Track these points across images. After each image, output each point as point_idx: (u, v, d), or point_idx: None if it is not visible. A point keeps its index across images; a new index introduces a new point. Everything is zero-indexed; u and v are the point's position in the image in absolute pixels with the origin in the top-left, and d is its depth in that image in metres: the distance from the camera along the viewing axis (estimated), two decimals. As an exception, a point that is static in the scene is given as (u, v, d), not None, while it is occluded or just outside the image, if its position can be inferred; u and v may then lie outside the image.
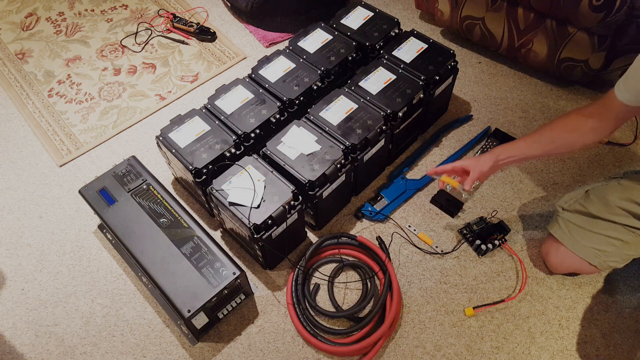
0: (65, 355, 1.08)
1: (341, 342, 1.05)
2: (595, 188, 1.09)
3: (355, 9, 1.41)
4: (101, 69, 1.63)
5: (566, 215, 1.09)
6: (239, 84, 1.25)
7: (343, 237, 1.17)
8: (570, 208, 1.10)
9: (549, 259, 1.12)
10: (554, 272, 1.14)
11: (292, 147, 1.11)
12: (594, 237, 1.04)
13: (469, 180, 1.08)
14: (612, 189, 1.05)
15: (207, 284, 1.00)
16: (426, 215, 1.26)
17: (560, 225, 1.09)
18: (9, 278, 1.19)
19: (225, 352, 1.07)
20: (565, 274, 1.15)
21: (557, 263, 1.11)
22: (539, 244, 1.20)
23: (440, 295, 1.13)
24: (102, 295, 1.16)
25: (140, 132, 1.46)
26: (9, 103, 1.55)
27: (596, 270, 1.07)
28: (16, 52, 1.69)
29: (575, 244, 1.06)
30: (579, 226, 1.06)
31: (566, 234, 1.08)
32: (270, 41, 1.67)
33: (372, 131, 1.14)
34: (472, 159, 1.11)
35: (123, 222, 1.10)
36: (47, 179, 1.37)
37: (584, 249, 1.05)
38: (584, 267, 1.07)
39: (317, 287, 1.14)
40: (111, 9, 1.82)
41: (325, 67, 1.27)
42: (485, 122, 1.44)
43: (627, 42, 1.29)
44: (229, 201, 1.03)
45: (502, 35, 1.46)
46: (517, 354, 1.05)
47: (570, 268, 1.11)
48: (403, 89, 1.22)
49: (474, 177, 1.08)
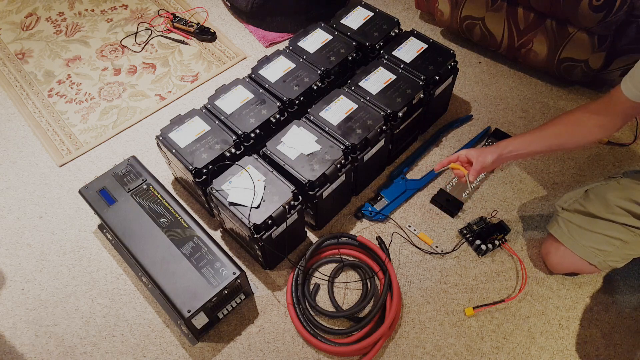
0: (65, 355, 1.08)
1: (341, 342, 1.05)
2: (594, 187, 1.09)
3: (355, 9, 1.41)
4: (101, 69, 1.63)
5: (566, 215, 1.09)
6: (239, 84, 1.25)
7: (343, 237, 1.17)
8: (569, 208, 1.10)
9: (549, 259, 1.12)
10: (554, 272, 1.14)
11: (292, 147, 1.11)
12: (593, 237, 1.04)
13: (473, 172, 1.08)
14: (611, 189, 1.05)
15: (207, 284, 1.00)
16: (426, 215, 1.26)
17: (560, 225, 1.09)
18: (9, 278, 1.19)
19: (225, 352, 1.07)
20: (566, 274, 1.15)
21: (557, 263, 1.11)
22: (539, 244, 1.20)
23: (440, 295, 1.13)
24: (102, 295, 1.16)
25: (140, 132, 1.46)
26: (9, 103, 1.55)
27: (596, 270, 1.07)
28: (16, 52, 1.69)
29: (574, 244, 1.06)
30: (579, 226, 1.06)
31: (566, 234, 1.08)
32: (270, 41, 1.67)
33: (372, 131, 1.14)
34: (477, 150, 1.10)
35: (123, 222, 1.10)
36: (47, 179, 1.37)
37: (584, 249, 1.05)
38: (584, 266, 1.07)
39: (317, 287, 1.14)
40: (111, 9, 1.82)
41: (325, 67, 1.27)
42: (485, 122, 1.44)
43: (627, 42, 1.29)
44: (229, 201, 1.03)
45: (502, 35, 1.46)
46: (517, 354, 1.05)
47: (570, 268, 1.11)
48: (403, 89, 1.22)
49: (477, 169, 1.08)
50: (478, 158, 1.08)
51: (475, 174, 1.08)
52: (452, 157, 1.14)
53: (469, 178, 1.09)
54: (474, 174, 1.08)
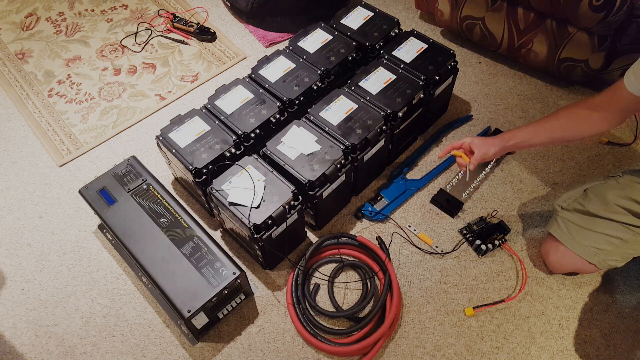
0: (65, 355, 1.08)
1: (341, 342, 1.05)
2: (593, 187, 1.09)
3: (355, 9, 1.41)
4: (101, 69, 1.63)
5: (565, 215, 1.09)
6: (239, 84, 1.25)
7: (343, 237, 1.17)
8: (569, 207, 1.10)
9: (549, 259, 1.12)
10: (553, 271, 1.14)
11: (292, 147, 1.11)
12: (593, 236, 1.04)
13: (473, 160, 1.12)
14: (610, 188, 1.05)
15: (207, 284, 1.00)
16: (426, 215, 1.26)
17: (560, 224, 1.09)
18: (9, 278, 1.19)
19: (225, 352, 1.07)
20: (565, 273, 1.15)
21: (557, 262, 1.11)
22: (539, 244, 1.20)
23: (440, 295, 1.13)
24: (102, 295, 1.16)
25: (140, 132, 1.46)
26: (9, 103, 1.55)
27: (596, 269, 1.07)
28: (16, 52, 1.69)
29: (574, 243, 1.06)
30: (578, 225, 1.06)
31: (565, 233, 1.08)
32: (270, 41, 1.67)
33: (372, 131, 1.14)
34: (481, 140, 1.13)
35: (123, 222, 1.10)
36: (47, 179, 1.37)
37: (583, 248, 1.05)
38: (583, 266, 1.07)
39: (317, 287, 1.14)
40: (111, 9, 1.82)
41: (325, 67, 1.27)
42: (485, 122, 1.44)
43: (627, 42, 1.29)
44: (229, 201, 1.03)
45: (502, 35, 1.46)
46: (517, 354, 1.05)
47: (570, 267, 1.11)
48: (403, 89, 1.22)
49: (477, 159, 1.11)
50: (481, 149, 1.11)
51: (476, 163, 1.12)
52: (456, 143, 1.16)
53: (469, 167, 1.12)
54: (474, 163, 1.12)
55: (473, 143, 1.13)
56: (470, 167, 1.12)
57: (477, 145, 1.12)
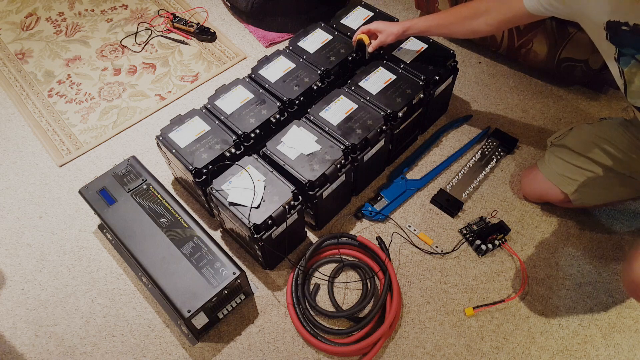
0: (65, 355, 1.08)
1: (341, 342, 1.05)
2: (579, 125, 1.19)
3: (355, 9, 1.41)
4: (101, 69, 1.63)
5: (553, 150, 1.19)
6: (239, 84, 1.25)
7: (343, 237, 1.17)
8: (557, 143, 1.19)
9: (523, 183, 1.24)
10: (526, 196, 1.25)
11: (292, 147, 1.11)
12: (569, 167, 1.13)
13: (374, 44, 1.24)
14: (592, 127, 1.15)
15: (207, 284, 1.00)
16: (426, 215, 1.26)
17: (545, 157, 1.19)
18: (9, 278, 1.19)
19: (225, 352, 1.07)
20: (538, 202, 1.24)
21: (528, 185, 1.22)
22: (539, 244, 1.20)
23: (440, 295, 1.13)
24: (102, 295, 1.16)
25: (140, 132, 1.46)
26: (9, 103, 1.55)
27: (567, 199, 1.14)
28: (16, 52, 1.69)
29: (549, 171, 1.16)
30: (560, 158, 1.15)
31: (545, 163, 1.18)
32: (270, 41, 1.67)
33: (372, 131, 1.14)
34: (383, 24, 1.23)
35: (123, 222, 1.10)
36: (47, 179, 1.37)
37: (557, 176, 1.14)
38: (555, 194, 1.15)
39: (317, 287, 1.14)
40: (111, 9, 1.82)
41: (325, 67, 1.27)
42: (485, 122, 1.44)
43: (627, 42, 1.29)
44: (229, 201, 1.03)
45: (502, 35, 1.46)
46: (517, 354, 1.05)
47: (538, 191, 1.20)
48: (403, 89, 1.22)
49: (376, 44, 1.23)
50: (383, 32, 1.22)
51: (376, 46, 1.24)
52: (364, 28, 1.26)
53: (368, 49, 1.25)
54: (375, 45, 1.24)
55: (378, 29, 1.23)
56: (369, 49, 1.24)
57: (379, 29, 1.22)
